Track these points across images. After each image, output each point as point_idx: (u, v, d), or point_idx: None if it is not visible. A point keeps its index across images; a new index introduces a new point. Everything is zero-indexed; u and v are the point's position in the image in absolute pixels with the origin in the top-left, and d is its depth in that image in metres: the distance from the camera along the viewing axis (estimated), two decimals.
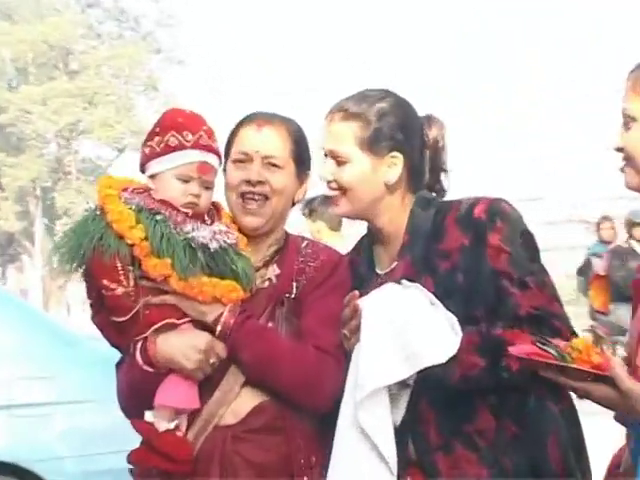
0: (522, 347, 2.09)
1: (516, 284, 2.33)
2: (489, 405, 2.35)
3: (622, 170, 2.33)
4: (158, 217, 2.46)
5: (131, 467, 2.55)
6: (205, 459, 2.48)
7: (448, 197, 2.65)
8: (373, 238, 2.66)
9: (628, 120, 2.27)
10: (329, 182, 2.53)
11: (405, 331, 2.25)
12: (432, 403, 2.37)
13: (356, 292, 2.39)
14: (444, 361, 2.24)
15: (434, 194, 2.63)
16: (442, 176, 2.66)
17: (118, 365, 2.61)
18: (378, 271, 2.60)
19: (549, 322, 2.30)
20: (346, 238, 6.30)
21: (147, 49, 33.29)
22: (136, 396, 2.51)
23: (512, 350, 2.08)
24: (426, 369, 2.27)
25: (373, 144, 2.49)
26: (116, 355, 2.63)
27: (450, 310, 2.33)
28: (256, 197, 2.62)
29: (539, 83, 44.32)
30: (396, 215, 2.56)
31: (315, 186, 2.89)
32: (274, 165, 2.62)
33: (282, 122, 2.70)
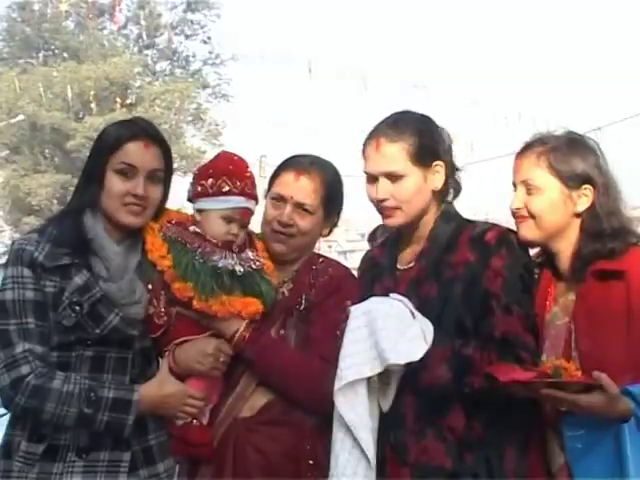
0: (508, 374, 2.15)
1: (501, 307, 2.35)
2: (463, 406, 2.37)
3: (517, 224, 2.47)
4: (187, 248, 2.55)
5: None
6: (223, 447, 2.58)
7: None
8: (400, 237, 2.67)
9: (531, 188, 2.43)
10: (384, 200, 2.53)
11: (377, 334, 2.29)
12: (415, 394, 2.40)
13: (348, 301, 2.48)
14: (403, 363, 2.27)
15: (452, 191, 2.63)
16: (457, 175, 2.65)
17: None
18: (398, 266, 2.63)
19: (516, 350, 2.31)
20: None
21: (195, 85, 33.43)
22: None
23: (501, 378, 2.13)
24: (406, 370, 2.33)
25: (421, 157, 2.49)
26: None
27: (445, 315, 2.40)
28: (284, 235, 2.71)
29: None
30: (427, 221, 2.58)
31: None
32: (305, 210, 2.69)
33: (318, 171, 2.72)
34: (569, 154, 2.44)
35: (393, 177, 2.50)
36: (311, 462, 2.54)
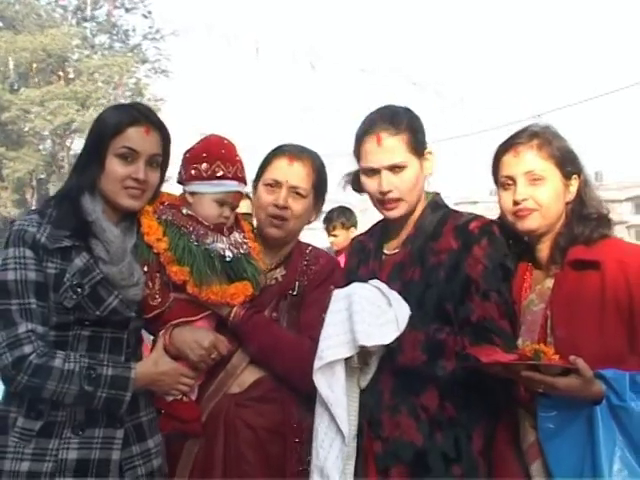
0: (490, 355, 2.24)
1: (480, 293, 2.44)
2: (438, 386, 2.45)
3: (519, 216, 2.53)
4: (183, 231, 2.62)
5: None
6: (213, 422, 2.67)
7: None
8: (389, 223, 2.72)
9: (537, 178, 2.50)
10: (388, 192, 2.57)
11: (353, 317, 2.39)
12: (393, 372, 2.49)
13: (332, 286, 2.60)
14: (370, 345, 2.37)
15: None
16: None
17: None
18: (385, 251, 2.72)
19: (490, 335, 2.39)
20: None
21: (135, 59, 32.95)
22: None
23: (483, 359, 2.21)
24: (385, 351, 2.44)
25: (417, 147, 2.58)
26: None
27: (427, 299, 2.48)
28: (280, 218, 2.80)
29: None
30: (415, 209, 2.66)
31: None
32: (298, 194, 2.80)
33: (309, 158, 2.84)
34: (562, 146, 2.55)
35: (396, 169, 2.56)
36: (296, 440, 2.64)
